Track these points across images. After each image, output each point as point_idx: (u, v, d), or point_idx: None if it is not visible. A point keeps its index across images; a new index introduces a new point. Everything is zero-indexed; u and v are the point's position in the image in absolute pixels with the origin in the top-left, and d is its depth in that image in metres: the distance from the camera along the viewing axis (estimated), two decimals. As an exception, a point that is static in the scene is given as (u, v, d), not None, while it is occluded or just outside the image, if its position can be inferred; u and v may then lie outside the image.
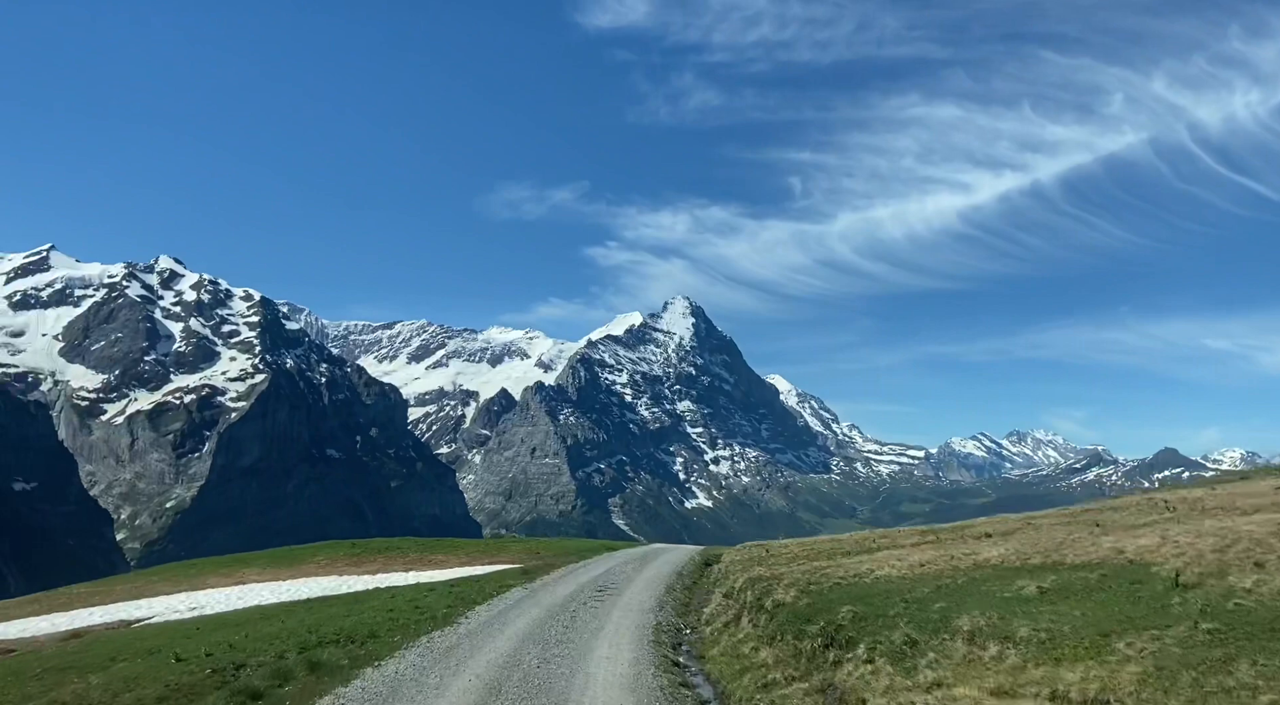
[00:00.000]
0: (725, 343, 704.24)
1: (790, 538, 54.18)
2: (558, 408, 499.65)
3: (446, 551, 54.60)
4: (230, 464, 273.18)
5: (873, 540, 35.59)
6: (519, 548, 55.68)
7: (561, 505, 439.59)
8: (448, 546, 57.35)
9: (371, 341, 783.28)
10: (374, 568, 47.56)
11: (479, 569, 42.36)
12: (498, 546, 59.09)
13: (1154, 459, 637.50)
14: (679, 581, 31.81)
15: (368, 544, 60.14)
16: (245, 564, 54.75)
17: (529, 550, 53.48)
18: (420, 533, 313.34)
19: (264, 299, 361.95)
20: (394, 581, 39.19)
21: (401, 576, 41.42)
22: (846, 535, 43.52)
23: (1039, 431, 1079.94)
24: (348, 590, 36.98)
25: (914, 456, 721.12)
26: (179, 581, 49.35)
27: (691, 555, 42.89)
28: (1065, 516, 35.93)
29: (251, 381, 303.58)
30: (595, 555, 44.46)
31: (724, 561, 35.88)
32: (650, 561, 39.42)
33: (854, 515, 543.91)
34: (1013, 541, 25.45)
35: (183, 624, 28.89)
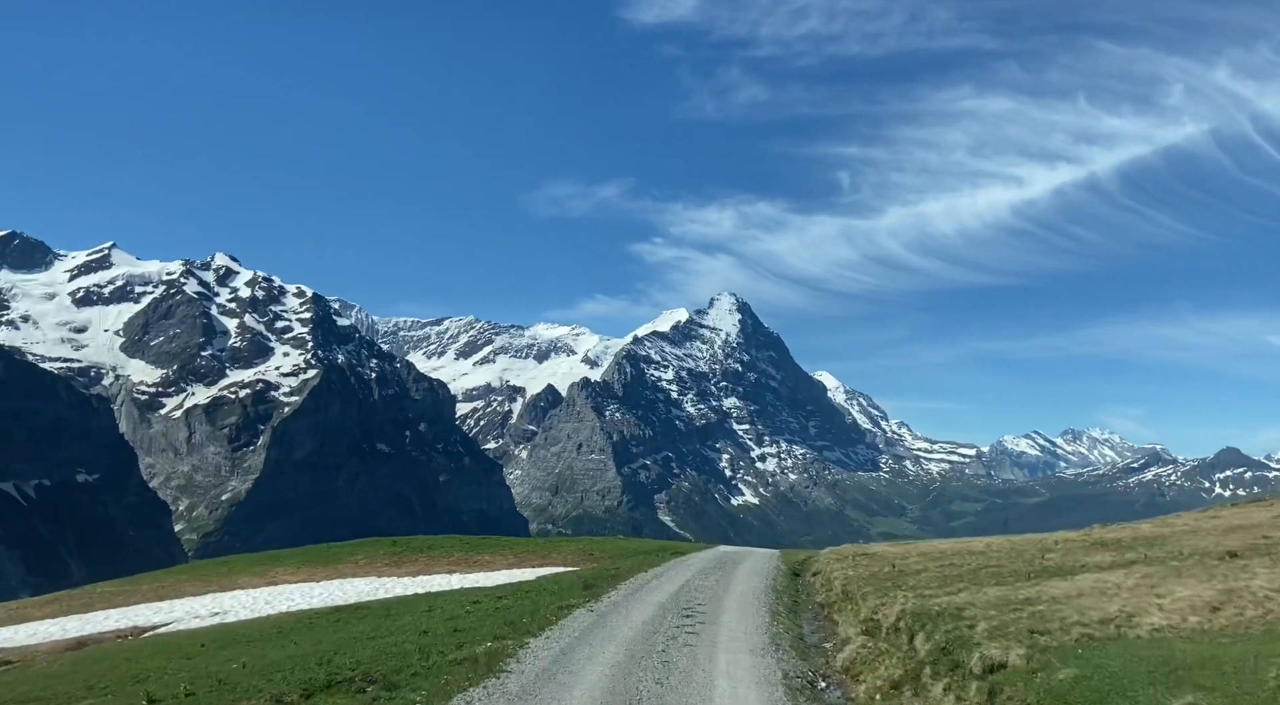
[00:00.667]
0: (772, 339, 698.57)
1: (872, 542, 50.07)
2: (603, 404, 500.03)
3: (493, 551, 51.09)
4: (283, 457, 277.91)
5: (1037, 554, 28.72)
6: (571, 548, 51.93)
7: (607, 501, 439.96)
8: (494, 546, 54.05)
9: (420, 338, 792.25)
10: (415, 568, 44.72)
11: (528, 573, 39.16)
12: (548, 546, 54.81)
13: (1215, 459, 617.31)
14: (778, 601, 26.03)
15: (409, 542, 56.43)
16: (280, 562, 51.92)
17: (582, 551, 49.60)
18: (467, 527, 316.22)
19: (316, 296, 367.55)
20: (435, 585, 36.76)
21: (444, 579, 39.10)
22: (978, 543, 36.43)
23: (1094, 430, 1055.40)
24: (384, 595, 34.30)
25: (965, 455, 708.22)
26: (209, 581, 47.06)
27: (774, 563, 37.71)
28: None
29: (304, 377, 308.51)
30: (659, 561, 38.55)
31: (823, 572, 30.94)
32: (729, 570, 34.13)
33: (903, 514, 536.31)
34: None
35: (195, 636, 26.90)
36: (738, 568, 35.45)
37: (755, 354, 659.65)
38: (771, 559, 40.14)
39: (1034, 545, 32.59)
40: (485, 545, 54.24)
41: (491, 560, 47.27)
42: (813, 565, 35.34)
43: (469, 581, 37.08)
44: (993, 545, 34.29)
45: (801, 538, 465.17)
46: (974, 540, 40.74)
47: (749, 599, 25.96)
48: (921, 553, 33.43)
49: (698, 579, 30.83)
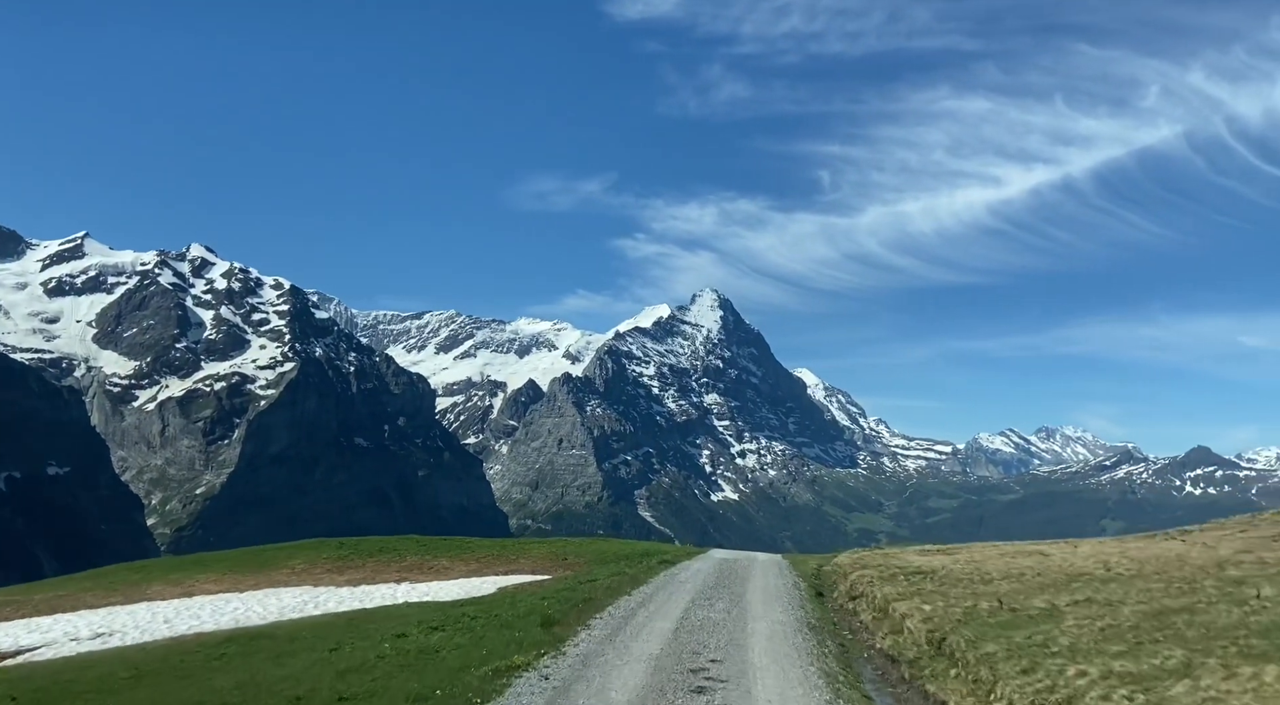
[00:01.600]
0: (753, 336, 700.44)
1: (875, 544, 43.77)
2: (585, 399, 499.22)
3: (453, 555, 45.63)
4: (259, 451, 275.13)
5: (1228, 584, 19.69)
6: (542, 551, 46.45)
7: (588, 497, 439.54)
8: (455, 548, 48.36)
9: (400, 331, 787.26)
10: (359, 576, 39.63)
11: (489, 582, 34.21)
12: (517, 549, 48.77)
13: (1186, 457, 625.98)
14: (822, 648, 18.72)
15: (358, 545, 50.66)
16: (204, 568, 45.89)
17: (554, 555, 44.17)
18: (447, 522, 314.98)
19: (294, 288, 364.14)
20: (376, 597, 32.41)
21: (389, 590, 34.21)
22: (1078, 552, 29.89)
23: (1068, 428, 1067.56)
24: (312, 611, 29.76)
25: (941, 452, 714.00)
26: (115, 590, 40.80)
27: (789, 579, 31.40)
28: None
29: (281, 370, 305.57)
30: (645, 573, 31.97)
31: (867, 597, 24.10)
32: (736, 591, 27.24)
33: (880, 510, 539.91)
34: None
35: (52, 670, 21.21)
36: (747, 586, 28.74)
37: (736, 351, 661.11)
38: (781, 571, 34.02)
39: (1191, 562, 23.70)
40: (444, 548, 48.80)
41: (449, 566, 42.18)
42: (837, 581, 29.70)
43: (417, 593, 32.60)
44: (1113, 561, 25.09)
45: (780, 534, 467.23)
46: (1052, 547, 32.96)
47: (782, 646, 18.48)
48: (1003, 572, 25.08)
49: (700, 607, 23.41)
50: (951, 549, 36.60)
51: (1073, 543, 35.62)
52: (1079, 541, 36.55)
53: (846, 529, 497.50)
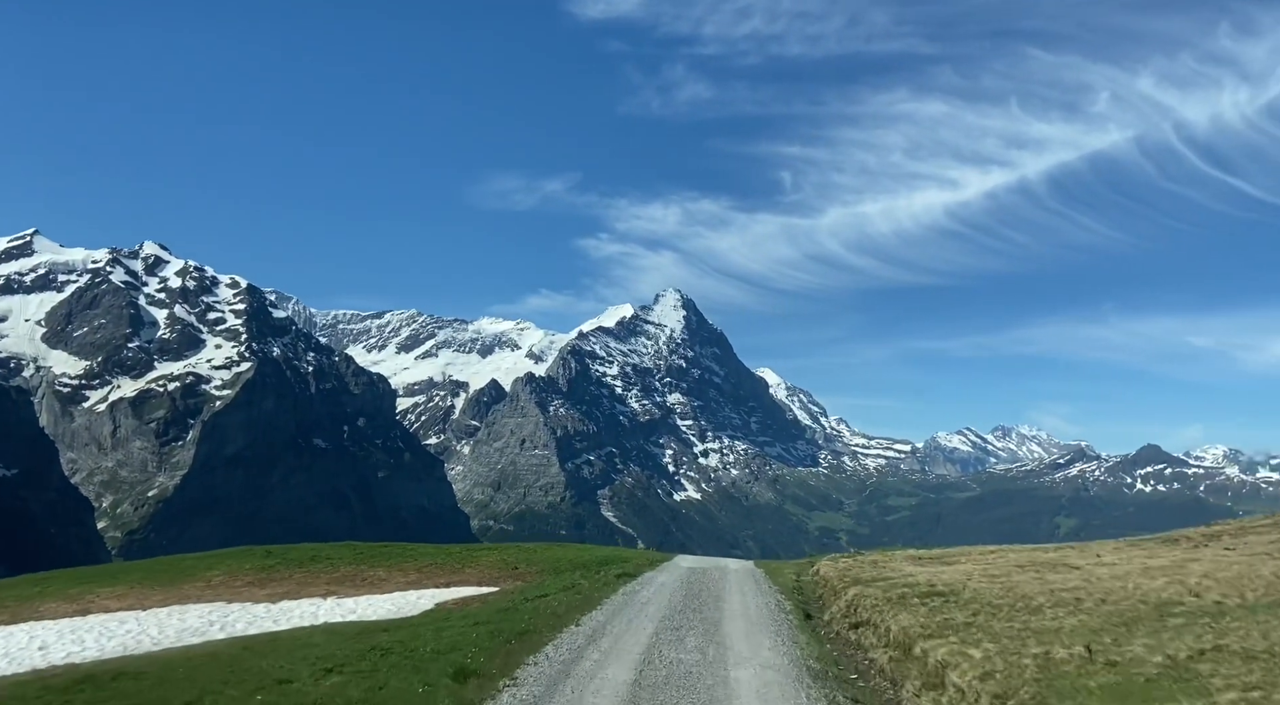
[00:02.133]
0: (716, 336, 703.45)
1: (863, 550, 41.51)
2: (548, 399, 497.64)
3: (391, 564, 41.86)
4: (214, 453, 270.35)
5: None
6: (491, 559, 42.44)
7: (550, 497, 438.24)
8: (395, 556, 44.75)
9: (360, 331, 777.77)
10: (282, 590, 35.90)
11: (426, 596, 31.30)
12: (464, 556, 44.20)
13: (1136, 455, 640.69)
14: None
15: (287, 553, 46.76)
16: (111, 581, 41.24)
17: (503, 563, 40.41)
18: (408, 524, 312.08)
19: (250, 287, 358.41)
20: (293, 617, 29.36)
21: (311, 608, 31.31)
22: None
23: (1024, 426, 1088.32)
24: (215, 634, 26.92)
25: (900, 450, 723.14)
26: (4, 606, 36.35)
27: (772, 598, 26.99)
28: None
29: (237, 370, 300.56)
30: (602, 589, 28.17)
31: (880, 627, 19.39)
32: (710, 615, 22.95)
33: (841, 509, 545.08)
34: None
35: None
36: (722, 607, 24.46)
37: (699, 350, 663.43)
38: (759, 585, 30.25)
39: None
40: (384, 556, 44.69)
41: (386, 577, 38.26)
42: (826, 598, 26.46)
43: (341, 611, 29.55)
44: (1191, 581, 20.82)
45: (742, 533, 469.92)
46: (1073, 554, 30.03)
47: None
48: (1047, 594, 20.61)
49: (667, 642, 18.93)
50: (949, 557, 32.78)
51: (1088, 549, 31.83)
52: (1092, 547, 32.79)
53: (808, 528, 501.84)
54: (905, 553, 37.81)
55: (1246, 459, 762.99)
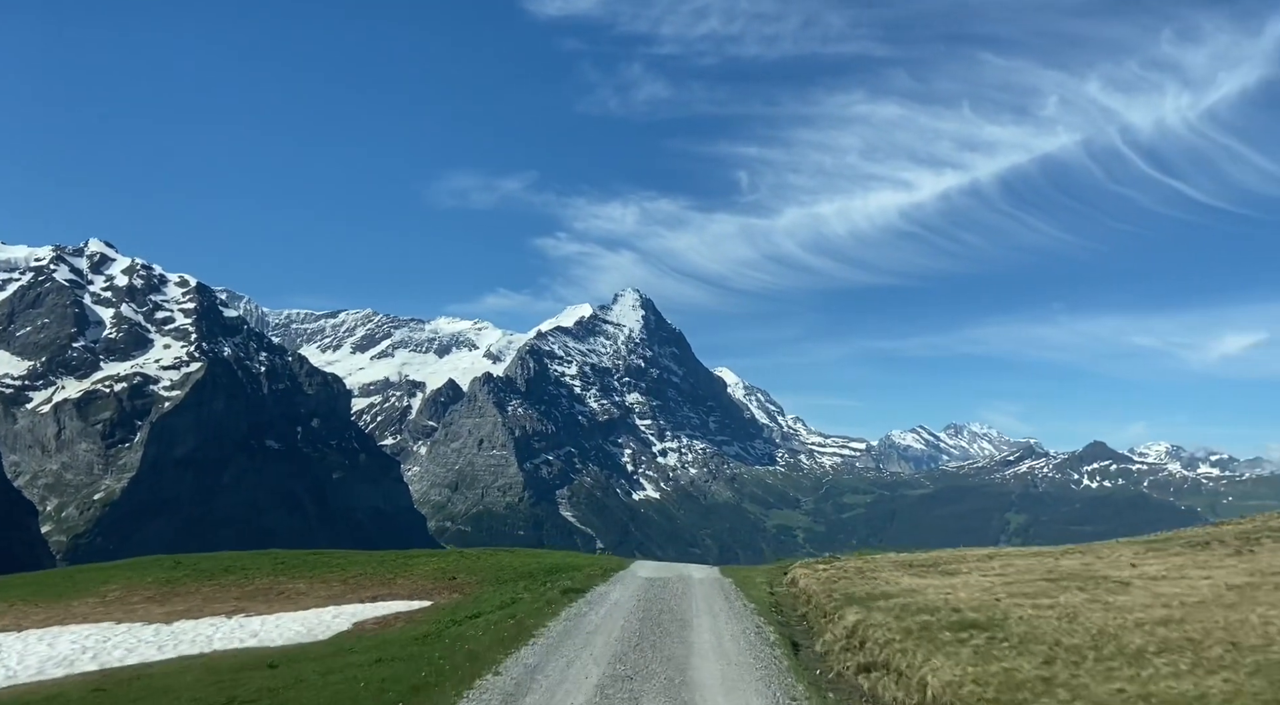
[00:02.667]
0: (674, 335, 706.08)
1: (837, 554, 38.42)
2: (506, 399, 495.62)
3: (315, 575, 37.45)
4: (163, 455, 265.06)
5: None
6: (428, 568, 38.41)
7: (509, 497, 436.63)
8: (323, 565, 40.14)
9: (314, 330, 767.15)
10: (184, 606, 32.17)
11: (342, 617, 28.01)
12: (399, 564, 39.88)
13: (1083, 452, 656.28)
14: None
15: (198, 564, 42.09)
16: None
17: (441, 573, 36.53)
18: (363, 525, 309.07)
19: (200, 285, 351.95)
20: (184, 641, 25.89)
21: (209, 629, 27.76)
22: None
23: (975, 425, 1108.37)
24: (85, 666, 23.69)
25: (856, 449, 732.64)
26: None
27: (751, 622, 22.71)
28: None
29: (186, 370, 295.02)
30: (544, 610, 24.21)
31: (893, 666, 15.37)
32: (677, 650, 18.76)
33: (798, 507, 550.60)
34: None
35: None
36: (689, 639, 20.15)
37: (658, 350, 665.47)
38: (731, 603, 26.09)
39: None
40: (308, 566, 40.22)
41: (306, 591, 34.15)
42: (812, 619, 22.76)
43: (241, 635, 26.20)
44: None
45: (701, 532, 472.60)
46: (1099, 559, 27.56)
47: None
48: (1140, 629, 15.65)
49: (619, 696, 15.03)
50: (945, 563, 29.64)
51: (1110, 554, 28.79)
52: (1105, 549, 30.15)
53: (765, 526, 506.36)
54: (889, 557, 34.74)
55: (1188, 455, 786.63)
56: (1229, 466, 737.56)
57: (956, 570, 27.57)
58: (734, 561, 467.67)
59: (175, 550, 69.20)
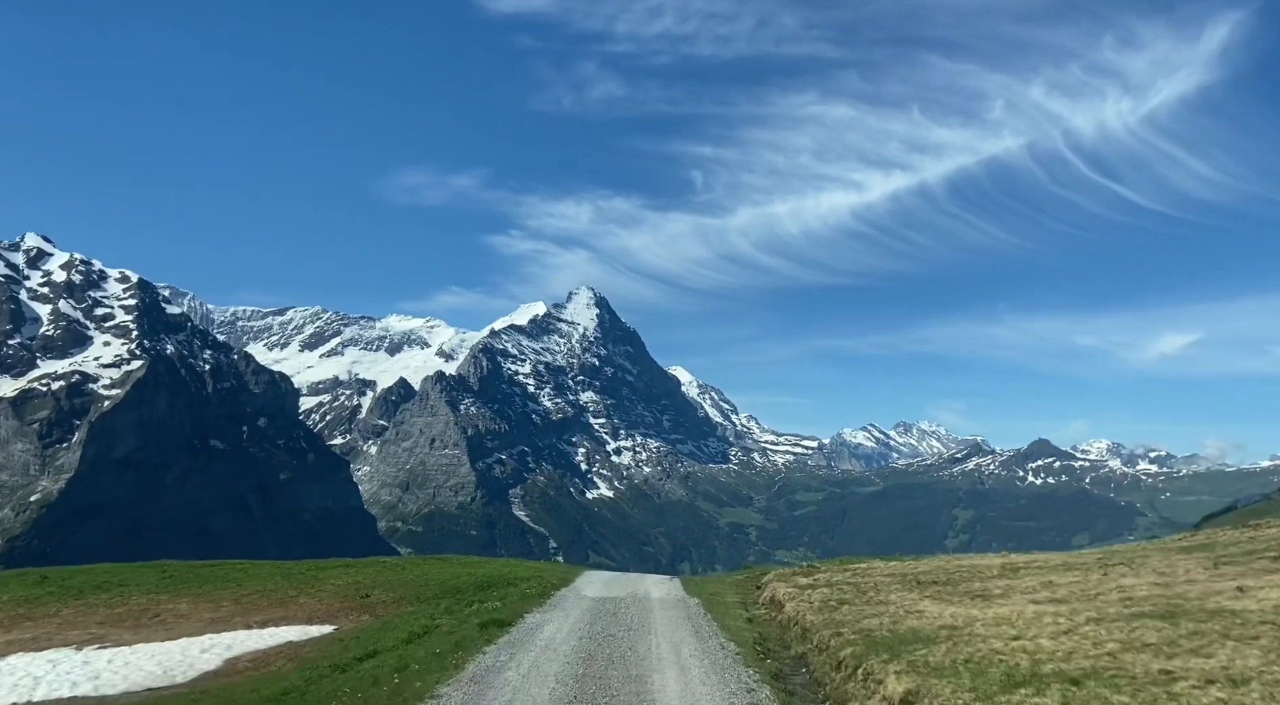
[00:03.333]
0: (629, 334, 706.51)
1: (816, 559, 35.10)
2: (458, 398, 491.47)
3: (204, 592, 32.17)
4: (102, 455, 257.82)
5: None
6: (341, 582, 33.23)
7: (461, 497, 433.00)
8: (218, 579, 34.78)
9: (261, 328, 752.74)
10: (33, 633, 27.24)
11: (215, 650, 23.51)
12: (306, 578, 34.46)
13: (1028, 449, 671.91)
14: None
15: (68, 579, 35.99)
16: None
17: (356, 588, 31.57)
18: (311, 526, 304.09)
19: (142, 281, 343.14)
20: (6, 686, 21.53)
21: (47, 666, 23.09)
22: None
23: (924, 423, 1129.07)
24: None
25: (808, 447, 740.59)
26: None
27: (734, 671, 17.18)
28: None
29: (127, 368, 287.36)
30: (447, 670, 17.32)
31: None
32: None
33: (750, 505, 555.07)
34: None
35: None
36: (643, 667, 17.25)
37: (612, 348, 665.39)
38: (702, 639, 20.42)
39: None
40: (200, 580, 34.54)
41: (189, 611, 29.27)
42: (821, 668, 17.16)
43: (79, 676, 22.05)
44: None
45: (654, 530, 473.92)
46: (1183, 577, 23.13)
47: None
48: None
49: None
50: (969, 582, 24.99)
51: (1174, 561, 25.19)
52: (1153, 552, 26.83)
53: (718, 523, 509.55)
54: (878, 566, 30.53)
55: (1127, 452, 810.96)
56: (1167, 463, 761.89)
57: (988, 591, 22.03)
58: (687, 560, 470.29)
59: (115, 554, 66.29)
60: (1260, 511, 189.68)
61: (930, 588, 24.28)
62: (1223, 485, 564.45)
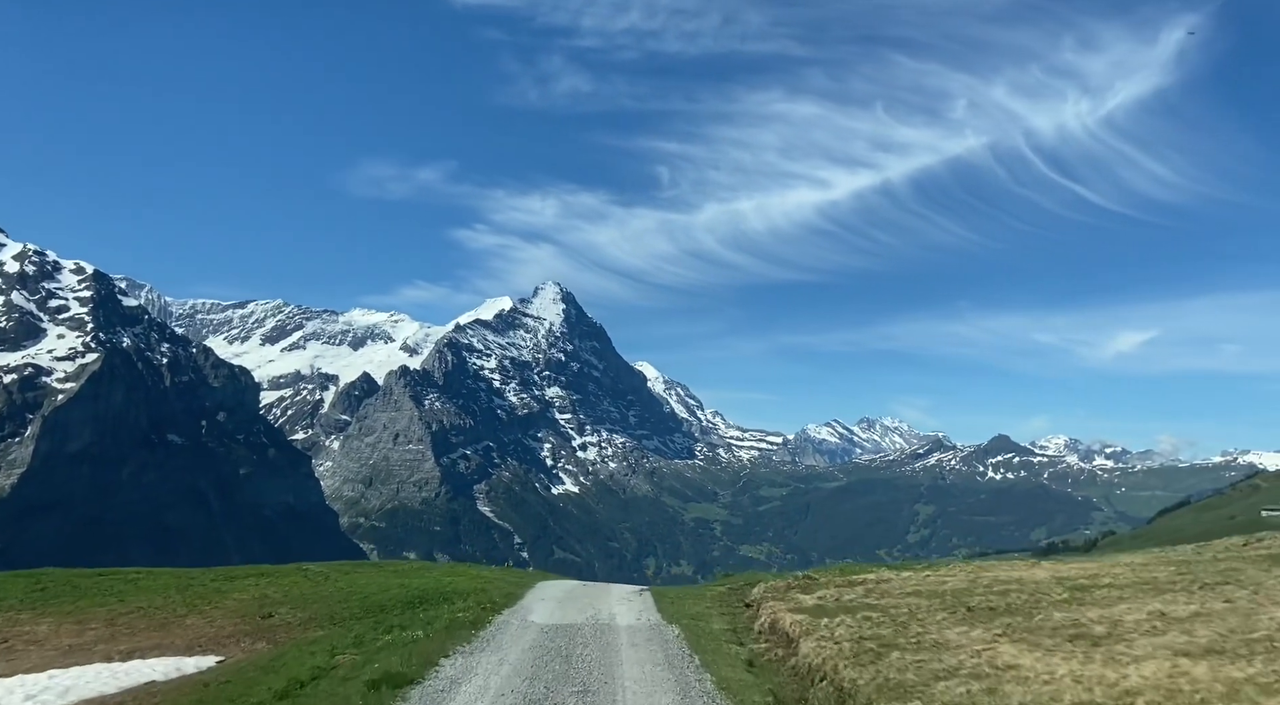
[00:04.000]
0: (595, 329, 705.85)
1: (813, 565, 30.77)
2: (423, 393, 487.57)
3: (73, 609, 26.32)
4: (56, 450, 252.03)
5: None
6: (248, 595, 28.02)
7: (424, 493, 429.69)
8: (98, 592, 28.74)
9: (221, 321, 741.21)
10: None
11: (64, 686, 18.03)
12: (209, 590, 29.13)
13: (988, 445, 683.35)
14: None
15: None
16: None
17: (260, 604, 26.40)
18: (271, 522, 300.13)
19: (97, 273, 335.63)
20: None
21: None
22: None
23: (887, 419, 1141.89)
24: None
25: (772, 442, 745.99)
26: None
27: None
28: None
29: (82, 361, 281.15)
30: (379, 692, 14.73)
31: None
32: None
33: (715, 500, 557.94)
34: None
35: None
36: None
37: (578, 344, 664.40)
38: (686, 694, 15.27)
39: None
40: (77, 593, 28.70)
41: (46, 637, 23.17)
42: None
43: None
44: None
45: (620, 525, 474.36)
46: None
47: None
48: None
49: None
50: (1042, 611, 18.81)
51: None
52: None
53: (684, 519, 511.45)
54: (901, 577, 25.45)
55: (1084, 448, 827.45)
56: (1122, 459, 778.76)
57: (1083, 627, 16.63)
58: (652, 555, 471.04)
59: (70, 551, 63.88)
60: (1214, 505, 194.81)
61: (993, 619, 18.11)
62: (1176, 480, 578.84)
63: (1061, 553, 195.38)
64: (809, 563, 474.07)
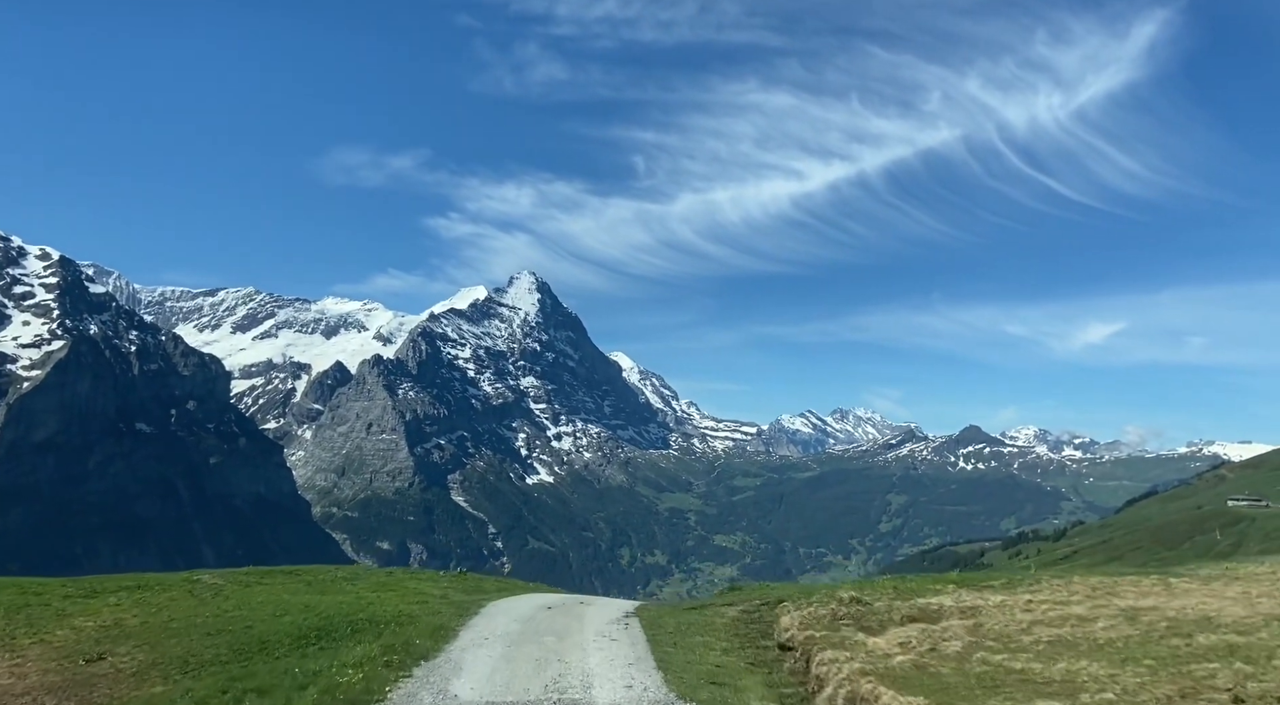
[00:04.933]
0: (570, 319, 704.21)
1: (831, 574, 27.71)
2: (396, 382, 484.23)
3: None
4: (21, 438, 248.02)
5: None
6: (89, 623, 21.14)
7: (398, 482, 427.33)
8: None
9: (191, 309, 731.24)
10: None
11: None
12: (43, 612, 22.03)
13: (959, 436, 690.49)
14: None
15: None
16: None
17: (92, 639, 19.58)
18: (242, 512, 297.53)
19: (64, 259, 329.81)
20: None
21: None
22: None
23: (860, 410, 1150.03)
24: None
25: (747, 433, 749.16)
26: None
27: None
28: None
29: (48, 348, 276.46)
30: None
31: None
32: None
33: (690, 490, 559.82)
34: None
35: None
36: None
37: (554, 334, 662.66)
38: None
39: None
40: None
41: None
42: None
43: None
44: None
45: (594, 516, 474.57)
46: None
47: None
48: None
49: None
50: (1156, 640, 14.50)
51: None
52: None
53: (658, 509, 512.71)
54: (997, 602, 18.69)
55: (1054, 439, 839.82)
56: (1090, 449, 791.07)
57: None
58: (626, 545, 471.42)
59: (39, 540, 61.94)
60: (1180, 495, 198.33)
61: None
62: (1143, 471, 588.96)
63: (1033, 542, 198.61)
64: (782, 552, 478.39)
